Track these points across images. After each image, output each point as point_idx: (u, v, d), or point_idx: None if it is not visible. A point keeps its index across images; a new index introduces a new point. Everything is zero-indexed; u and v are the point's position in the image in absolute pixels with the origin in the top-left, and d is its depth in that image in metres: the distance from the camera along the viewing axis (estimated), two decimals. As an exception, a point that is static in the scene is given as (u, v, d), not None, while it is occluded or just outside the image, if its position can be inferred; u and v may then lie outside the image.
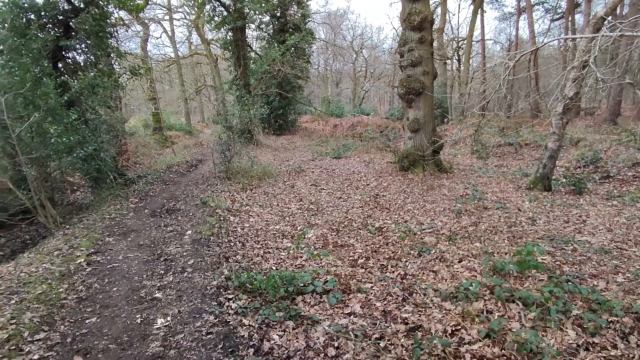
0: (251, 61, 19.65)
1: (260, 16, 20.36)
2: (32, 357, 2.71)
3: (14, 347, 2.80)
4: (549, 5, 23.97)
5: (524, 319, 3.06)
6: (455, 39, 26.29)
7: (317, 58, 38.33)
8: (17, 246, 7.66)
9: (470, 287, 3.56)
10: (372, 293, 3.79)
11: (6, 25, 7.31)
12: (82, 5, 8.80)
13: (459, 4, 35.02)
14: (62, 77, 8.34)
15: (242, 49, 17.70)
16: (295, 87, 22.26)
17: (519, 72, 15.63)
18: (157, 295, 3.77)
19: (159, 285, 4.01)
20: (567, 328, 2.88)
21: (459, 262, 4.42)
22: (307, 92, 28.67)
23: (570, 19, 20.17)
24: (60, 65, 9.02)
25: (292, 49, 18.97)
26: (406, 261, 4.58)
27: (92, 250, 5.12)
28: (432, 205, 7.05)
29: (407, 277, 4.14)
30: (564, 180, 8.12)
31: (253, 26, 20.87)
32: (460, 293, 3.52)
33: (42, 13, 8.37)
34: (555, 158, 7.71)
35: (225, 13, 17.22)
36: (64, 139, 7.21)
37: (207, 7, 18.43)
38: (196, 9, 22.07)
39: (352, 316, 3.37)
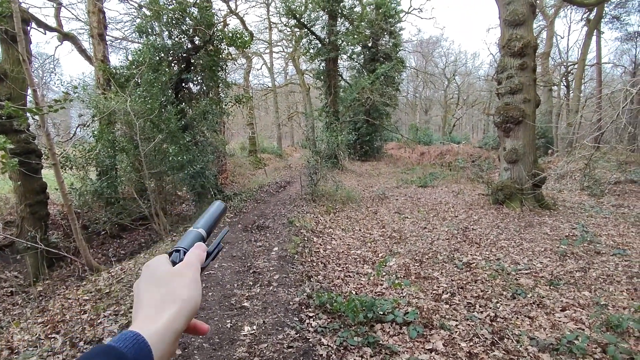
0: (341, 89, 20.46)
1: (352, 47, 21.23)
2: (143, 344, 3.13)
3: (130, 332, 3.27)
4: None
5: (648, 388, 2.58)
6: (564, 64, 23.98)
7: (407, 85, 38.22)
8: (135, 247, 8.95)
9: (576, 341, 3.12)
10: (456, 332, 3.56)
11: (145, 62, 8.88)
12: (201, 44, 10.28)
13: (569, 26, 31.93)
14: (181, 105, 9.73)
15: (333, 79, 18.61)
16: (383, 114, 22.36)
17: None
18: (245, 304, 4.07)
19: (247, 295, 4.32)
20: None
21: (562, 310, 3.92)
22: (394, 119, 28.59)
23: None
24: (179, 95, 10.56)
25: (382, 77, 19.29)
26: (497, 302, 4.20)
27: (193, 256, 5.73)
28: (531, 244, 6.38)
29: (498, 319, 3.80)
30: None
31: (345, 56, 21.80)
32: (562, 346, 3.11)
33: (171, 52, 10.00)
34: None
35: (319, 45, 18.41)
36: (179, 158, 8.33)
37: (304, 40, 19.96)
38: (294, 42, 24.04)
39: (433, 353, 3.20)
